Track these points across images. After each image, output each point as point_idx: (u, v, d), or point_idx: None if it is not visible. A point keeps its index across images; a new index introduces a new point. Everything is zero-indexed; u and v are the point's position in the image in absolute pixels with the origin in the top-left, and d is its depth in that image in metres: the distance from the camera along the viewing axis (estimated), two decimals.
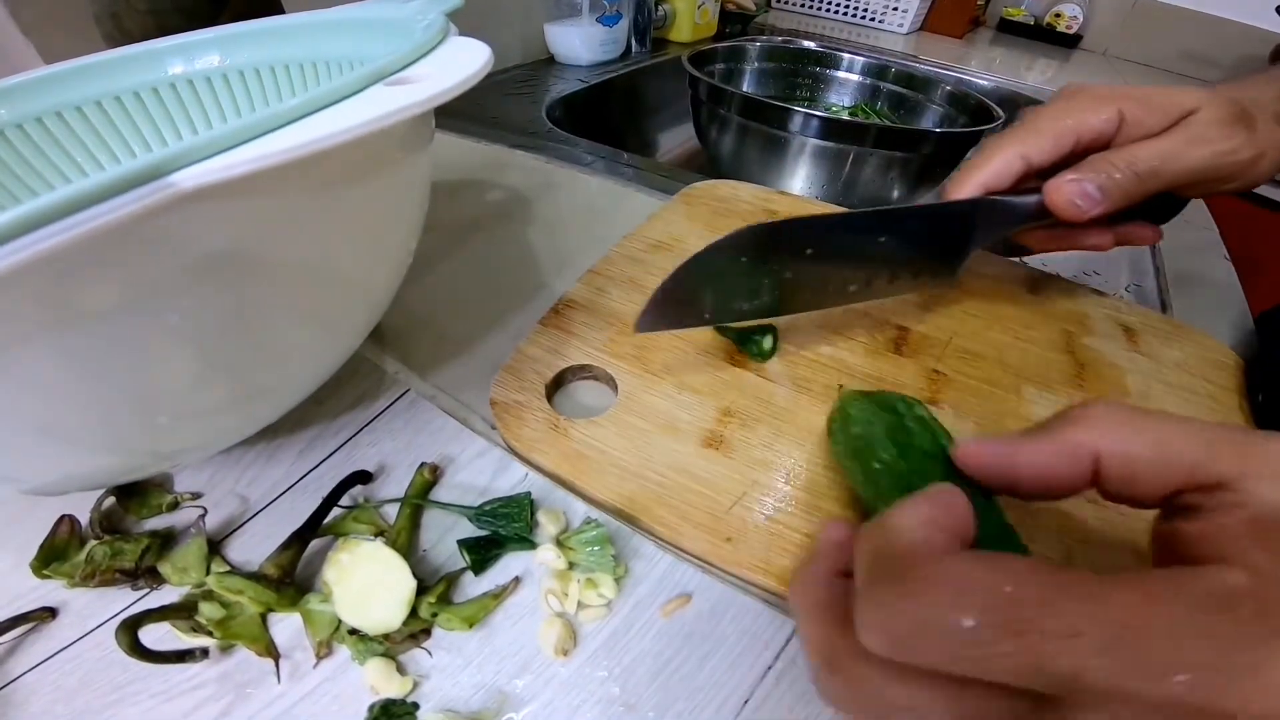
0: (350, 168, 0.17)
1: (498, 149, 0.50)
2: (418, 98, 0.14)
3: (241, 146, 0.12)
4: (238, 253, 0.15)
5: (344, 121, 0.12)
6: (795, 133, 0.56)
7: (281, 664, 0.19)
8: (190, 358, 0.17)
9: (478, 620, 0.20)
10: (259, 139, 0.12)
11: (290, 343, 0.19)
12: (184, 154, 0.11)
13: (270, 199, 0.15)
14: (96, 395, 0.16)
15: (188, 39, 0.29)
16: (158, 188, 0.11)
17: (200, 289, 0.15)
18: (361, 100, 0.14)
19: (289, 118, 0.13)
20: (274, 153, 0.11)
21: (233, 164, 0.11)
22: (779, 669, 0.19)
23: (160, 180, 0.11)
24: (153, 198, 0.11)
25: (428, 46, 0.18)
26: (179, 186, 0.11)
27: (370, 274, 0.22)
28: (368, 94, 0.14)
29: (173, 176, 0.11)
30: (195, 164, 0.11)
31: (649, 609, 0.20)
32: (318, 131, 0.12)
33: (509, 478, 0.24)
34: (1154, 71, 1.06)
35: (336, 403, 0.27)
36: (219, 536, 0.22)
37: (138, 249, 0.13)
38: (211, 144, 0.11)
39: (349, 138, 0.12)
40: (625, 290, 0.31)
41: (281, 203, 0.15)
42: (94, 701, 0.18)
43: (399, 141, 0.19)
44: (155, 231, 0.12)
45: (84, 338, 0.14)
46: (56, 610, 0.20)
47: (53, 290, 0.12)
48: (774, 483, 0.23)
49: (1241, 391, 0.28)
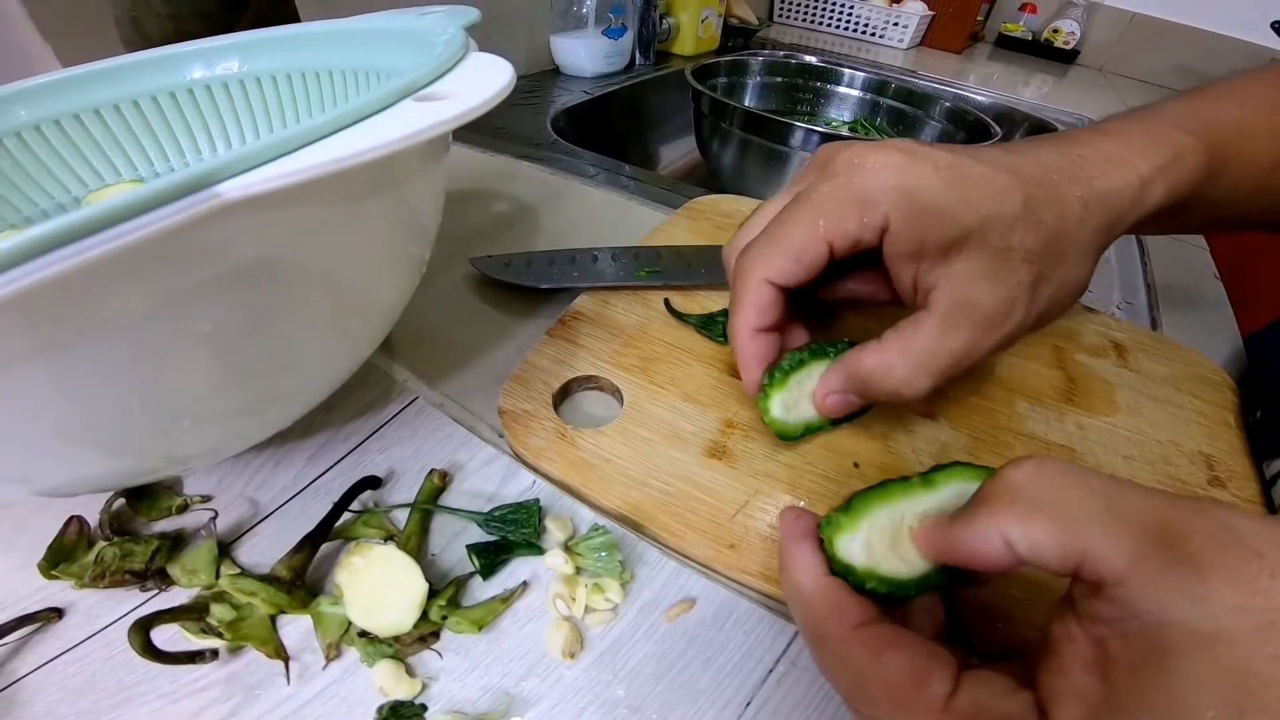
0: (374, 180, 0.17)
1: (504, 159, 0.51)
2: (448, 115, 0.14)
3: (284, 158, 0.12)
4: (262, 263, 0.15)
5: (379, 137, 0.13)
6: (796, 147, 0.57)
7: (291, 665, 0.19)
8: (211, 364, 0.17)
9: (486, 623, 0.20)
10: (300, 151, 0.12)
11: (308, 350, 0.20)
12: (229, 165, 0.12)
13: (300, 210, 0.15)
14: (118, 399, 0.16)
15: (208, 44, 0.29)
16: (205, 197, 0.11)
17: (226, 298, 0.15)
18: (393, 115, 0.15)
19: (326, 131, 0.13)
20: (315, 165, 0.12)
21: (275, 175, 0.12)
22: (780, 672, 0.19)
23: (207, 190, 0.11)
24: (199, 207, 0.11)
25: (451, 62, 0.18)
26: (224, 197, 0.11)
27: (387, 283, 0.22)
28: (399, 109, 0.15)
29: (219, 187, 0.11)
30: (240, 175, 0.12)
31: (654, 613, 0.21)
32: (355, 146, 0.13)
33: (516, 485, 0.24)
34: (1151, 87, 1.08)
35: (346, 409, 0.27)
36: (229, 539, 0.22)
37: (171, 258, 0.13)
38: (255, 155, 0.12)
39: (385, 153, 0.13)
40: (629, 303, 0.32)
41: (309, 214, 0.16)
42: (100, 702, 0.18)
43: (420, 154, 0.20)
44: (189, 242, 0.13)
45: (111, 343, 0.14)
46: (63, 611, 0.20)
47: (85, 297, 0.13)
48: (775, 491, 0.23)
49: (1229, 407, 0.29)
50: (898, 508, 0.17)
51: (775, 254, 0.21)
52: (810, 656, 0.20)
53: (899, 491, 0.17)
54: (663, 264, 0.33)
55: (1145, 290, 0.43)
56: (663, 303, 0.31)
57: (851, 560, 0.17)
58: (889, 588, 0.16)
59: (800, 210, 0.21)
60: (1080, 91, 0.99)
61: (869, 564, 0.17)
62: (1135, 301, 0.42)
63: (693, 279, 0.33)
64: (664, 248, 0.35)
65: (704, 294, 0.33)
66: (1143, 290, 0.43)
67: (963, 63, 1.06)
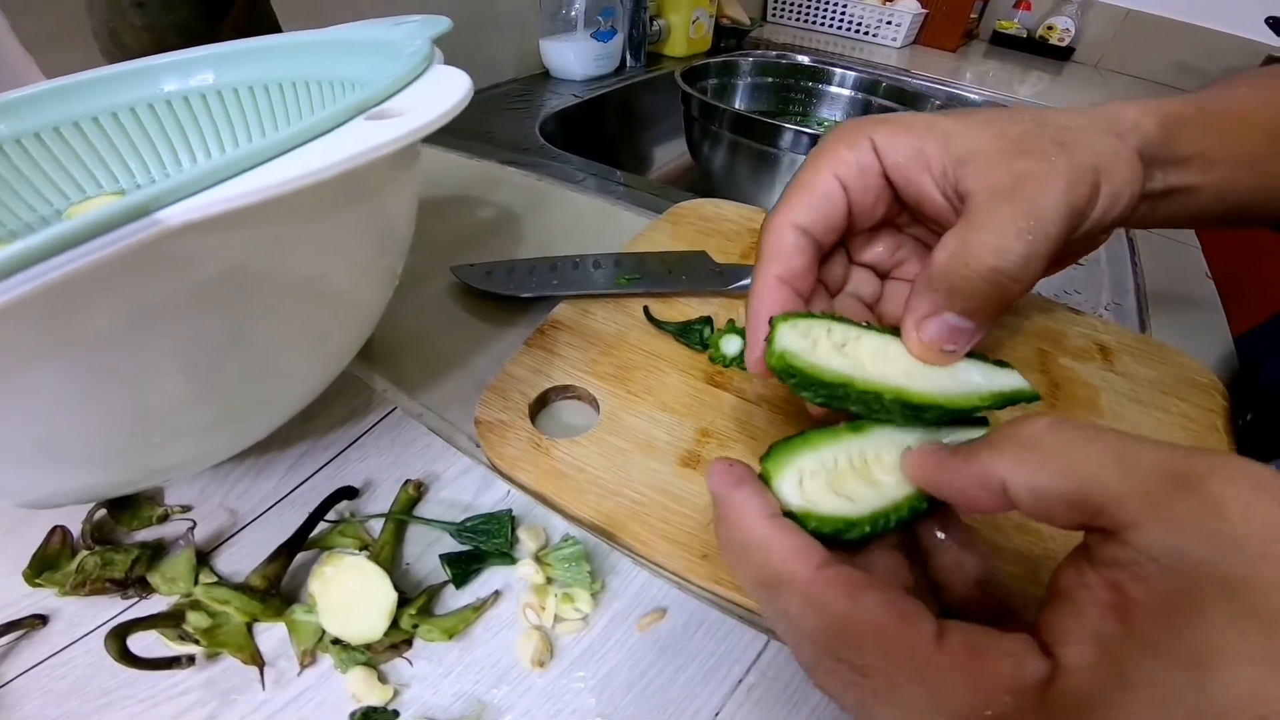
0: (335, 196, 0.17)
1: (489, 165, 0.51)
2: (397, 133, 0.14)
3: (225, 183, 0.12)
4: (226, 279, 0.16)
5: (324, 159, 0.13)
6: (786, 149, 0.57)
7: (266, 671, 0.19)
8: (183, 379, 0.17)
9: (458, 632, 0.20)
10: (242, 175, 0.13)
11: (279, 363, 0.20)
12: (169, 192, 0.12)
13: (258, 229, 0.15)
14: (93, 415, 0.16)
15: (183, 56, 0.29)
16: (146, 224, 0.11)
17: (191, 313, 0.16)
18: (343, 135, 0.15)
19: (272, 153, 0.13)
20: (255, 190, 0.12)
21: (215, 201, 0.12)
22: (750, 682, 0.20)
23: (148, 217, 0.11)
24: (140, 235, 0.11)
25: (412, 75, 0.18)
26: (165, 224, 0.12)
27: (358, 294, 0.22)
28: (349, 128, 0.15)
29: (160, 213, 0.12)
30: (179, 201, 0.12)
31: (625, 623, 0.21)
32: (299, 169, 0.13)
33: (492, 494, 0.24)
34: (1146, 84, 1.07)
35: (326, 419, 0.27)
36: (208, 548, 0.23)
37: (131, 278, 0.13)
38: (195, 181, 0.12)
39: (327, 176, 0.13)
40: (609, 311, 0.32)
41: (270, 231, 0.16)
42: (83, 705, 0.19)
43: (384, 168, 0.20)
44: (148, 261, 0.13)
45: (80, 361, 0.15)
46: (48, 617, 0.21)
47: (50, 319, 0.13)
48: None
49: (1217, 410, 0.29)
50: (826, 451, 0.17)
51: (791, 198, 0.21)
52: (777, 669, 0.20)
53: (825, 437, 0.18)
54: (643, 271, 0.33)
55: (1135, 291, 0.43)
56: (642, 310, 0.31)
57: (789, 501, 0.16)
58: (833, 526, 0.16)
59: (802, 167, 0.22)
60: (1076, 89, 0.99)
61: (804, 504, 0.16)
62: (1124, 303, 0.41)
63: (673, 286, 0.33)
64: (645, 254, 0.35)
65: (684, 301, 0.33)
66: (1132, 291, 0.43)
67: (958, 61, 1.05)
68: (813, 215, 0.21)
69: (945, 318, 0.18)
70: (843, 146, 0.21)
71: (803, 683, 0.20)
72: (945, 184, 0.20)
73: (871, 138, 0.20)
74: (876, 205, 0.21)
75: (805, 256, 0.21)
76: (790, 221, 0.21)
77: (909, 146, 0.20)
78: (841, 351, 0.18)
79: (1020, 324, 0.33)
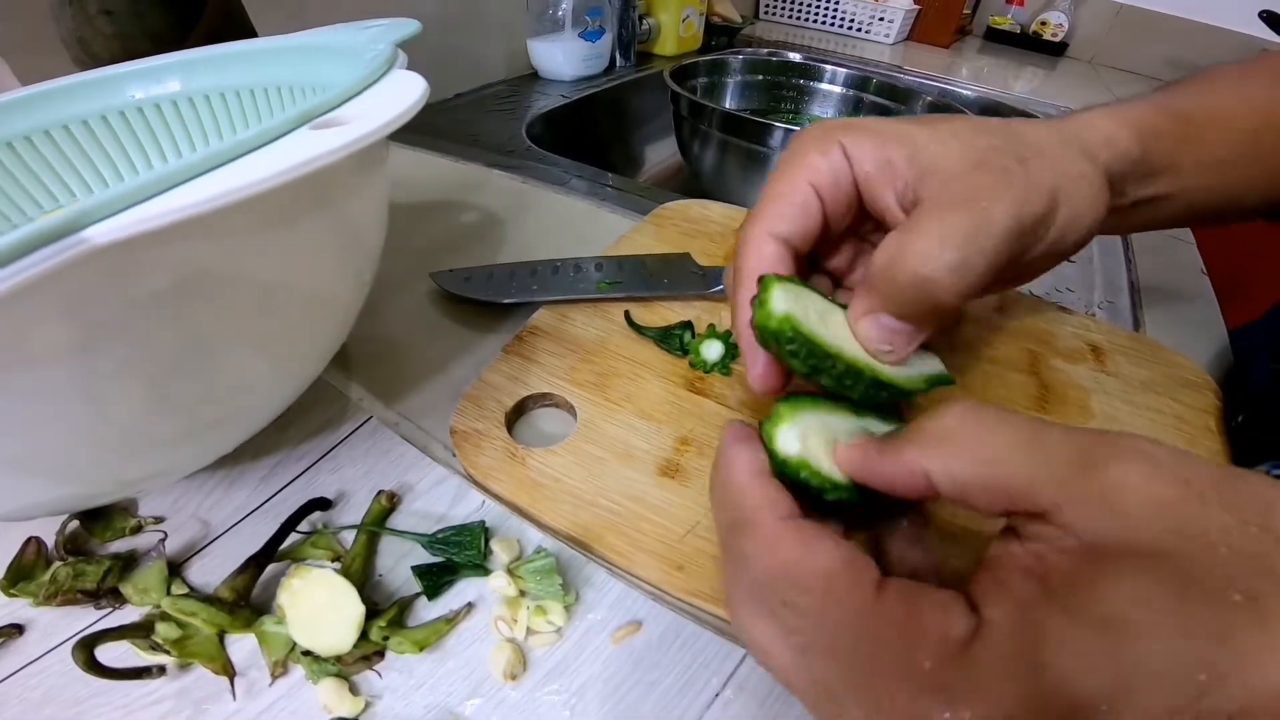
0: (286, 205, 0.17)
1: (473, 168, 0.50)
2: (339, 142, 0.14)
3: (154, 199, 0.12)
4: (177, 291, 0.15)
5: (260, 171, 0.13)
6: (775, 148, 0.56)
7: (238, 682, 0.19)
8: (144, 391, 0.17)
9: (429, 644, 0.20)
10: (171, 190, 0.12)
11: (243, 374, 0.20)
12: (98, 208, 0.11)
13: (203, 242, 0.15)
14: (57, 430, 0.16)
15: (149, 64, 0.29)
16: (71, 243, 0.11)
17: (144, 327, 0.15)
18: (284, 145, 0.14)
19: (206, 167, 0.13)
20: (182, 206, 0.12)
21: (143, 219, 0.12)
22: (726, 697, 0.19)
23: (74, 235, 0.11)
24: (66, 253, 0.11)
25: (365, 82, 0.18)
26: (92, 242, 0.11)
27: (323, 303, 0.22)
28: (292, 138, 0.15)
29: (85, 232, 0.11)
30: (106, 219, 0.11)
31: (600, 635, 0.21)
32: (232, 182, 0.12)
33: (467, 505, 0.24)
34: (1140, 79, 1.06)
35: (300, 429, 0.27)
36: (180, 559, 0.23)
37: (73, 295, 0.13)
38: (123, 198, 0.12)
39: (263, 189, 0.13)
40: (589, 316, 0.31)
41: (218, 244, 0.16)
42: (59, 713, 0.19)
43: (341, 174, 0.19)
44: (87, 278, 0.13)
45: (38, 378, 0.14)
46: (23, 627, 0.21)
47: None
48: None
49: (1212, 411, 0.28)
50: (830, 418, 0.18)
51: (767, 207, 0.21)
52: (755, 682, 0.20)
53: (831, 406, 0.18)
54: (624, 275, 0.33)
55: (1129, 288, 0.42)
56: (624, 315, 0.31)
57: (788, 450, 0.17)
58: (820, 481, 0.17)
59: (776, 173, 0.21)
60: (1069, 84, 0.98)
61: (803, 455, 0.17)
62: (1118, 301, 0.41)
63: (654, 290, 0.32)
64: (626, 258, 0.35)
65: (665, 305, 0.32)
66: (1126, 289, 0.42)
67: (951, 57, 1.05)
68: (791, 226, 0.20)
69: (880, 318, 0.19)
70: (815, 153, 0.20)
71: (780, 696, 0.19)
72: (905, 197, 0.20)
73: (843, 144, 0.20)
74: (846, 214, 0.21)
75: (785, 267, 0.20)
76: (769, 232, 0.20)
77: (878, 157, 0.20)
78: (825, 323, 0.19)
79: (1008, 324, 0.32)
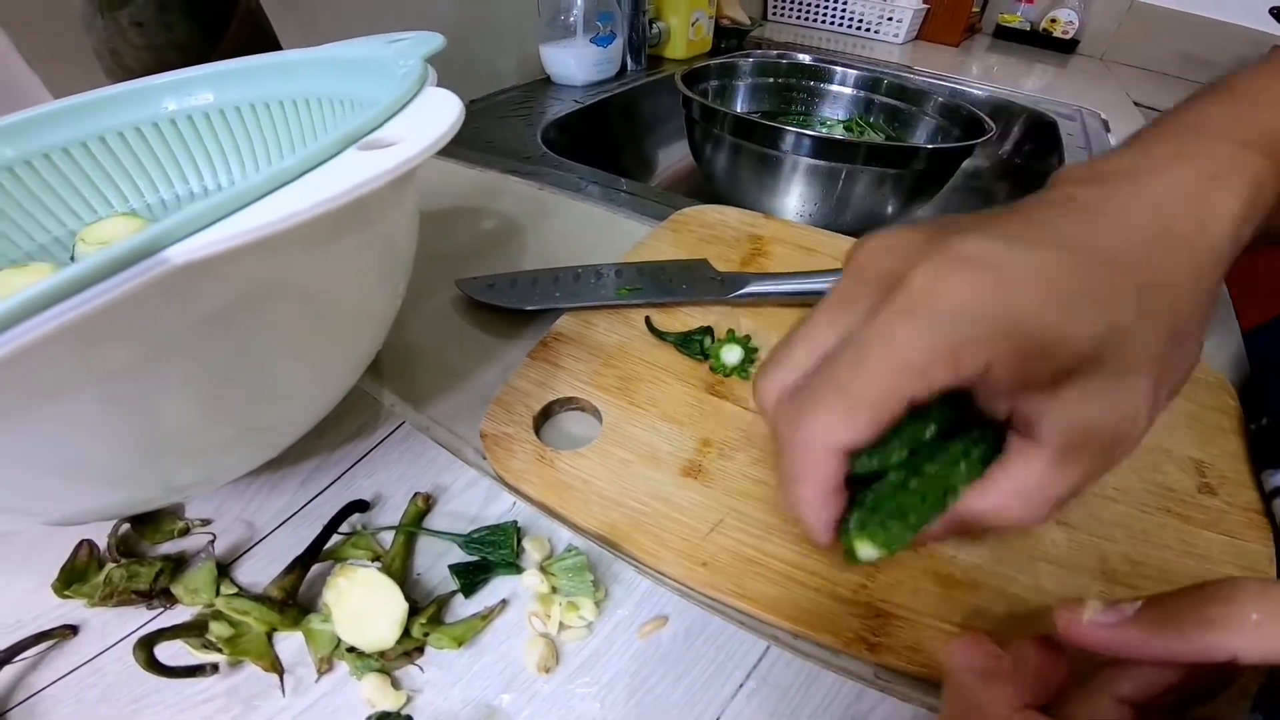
0: (333, 226, 0.18)
1: (491, 175, 0.51)
2: (390, 164, 0.15)
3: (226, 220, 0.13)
4: (234, 308, 0.16)
5: (318, 194, 0.14)
6: (788, 151, 0.57)
7: (286, 678, 0.20)
8: (197, 403, 0.18)
9: (467, 640, 0.21)
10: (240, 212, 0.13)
11: (288, 384, 0.21)
12: (175, 229, 0.12)
13: (259, 262, 0.16)
14: (113, 440, 0.17)
15: (182, 76, 0.30)
16: (154, 263, 0.12)
17: (201, 343, 0.16)
18: (337, 167, 0.15)
19: (270, 187, 0.14)
20: (255, 227, 0.13)
21: (218, 239, 0.13)
22: (750, 688, 0.20)
23: (156, 255, 0.12)
24: (147, 274, 0.12)
25: (404, 100, 0.19)
26: (172, 262, 0.12)
27: (364, 314, 0.23)
28: (343, 159, 0.15)
29: (165, 252, 0.12)
30: (184, 240, 0.13)
31: (628, 630, 0.21)
32: (293, 206, 0.13)
33: (498, 506, 0.25)
34: (1153, 75, 1.06)
35: (336, 435, 0.28)
36: (228, 560, 0.24)
37: (143, 312, 0.14)
38: (199, 218, 0.13)
39: (326, 210, 0.13)
40: (610, 322, 0.32)
41: (271, 263, 0.17)
42: (114, 712, 0.20)
43: (382, 193, 0.20)
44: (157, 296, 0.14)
45: (101, 391, 0.15)
46: (77, 628, 0.22)
47: (68, 354, 0.14)
48: (749, 510, 0.24)
49: (1225, 410, 0.28)
50: None
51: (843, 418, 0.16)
52: (777, 674, 0.21)
53: None
54: (643, 281, 0.34)
55: None
56: (644, 321, 0.32)
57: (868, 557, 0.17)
58: None
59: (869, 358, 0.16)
60: (1081, 81, 0.98)
61: None
62: None
63: (674, 296, 0.33)
64: (645, 264, 0.35)
65: (685, 310, 0.33)
66: None
67: (960, 56, 1.04)
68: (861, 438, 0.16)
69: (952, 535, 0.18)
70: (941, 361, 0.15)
71: (802, 688, 0.20)
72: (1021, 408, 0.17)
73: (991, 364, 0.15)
74: None
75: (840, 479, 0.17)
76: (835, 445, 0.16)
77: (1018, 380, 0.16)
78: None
79: None
